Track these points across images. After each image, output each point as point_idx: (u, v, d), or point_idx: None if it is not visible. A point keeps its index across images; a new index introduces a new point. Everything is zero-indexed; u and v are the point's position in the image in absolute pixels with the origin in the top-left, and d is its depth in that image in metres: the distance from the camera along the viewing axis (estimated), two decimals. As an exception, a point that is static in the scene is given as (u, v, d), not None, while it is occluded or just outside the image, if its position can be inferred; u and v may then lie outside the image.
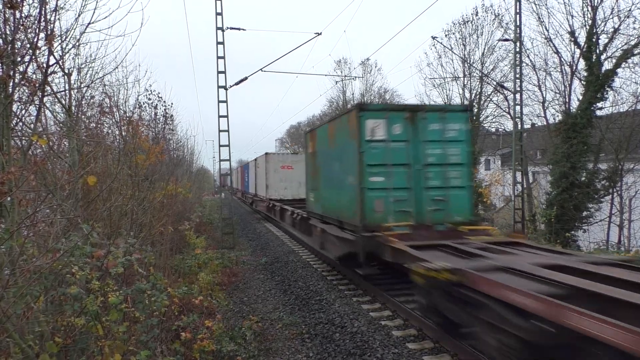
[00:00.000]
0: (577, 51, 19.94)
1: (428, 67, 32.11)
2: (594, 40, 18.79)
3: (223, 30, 18.29)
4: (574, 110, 19.55)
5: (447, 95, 29.10)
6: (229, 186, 43.15)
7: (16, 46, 4.68)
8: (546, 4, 20.97)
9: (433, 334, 7.15)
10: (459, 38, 27.97)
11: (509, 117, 25.52)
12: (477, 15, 27.24)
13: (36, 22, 4.75)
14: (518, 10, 19.98)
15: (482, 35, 27.15)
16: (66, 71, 6.99)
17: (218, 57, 18.29)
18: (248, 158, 31.52)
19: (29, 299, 3.85)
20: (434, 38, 26.77)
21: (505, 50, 26.11)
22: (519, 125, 21.05)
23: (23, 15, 4.73)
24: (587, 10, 19.11)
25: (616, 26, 18.62)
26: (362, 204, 8.93)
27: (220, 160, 19.89)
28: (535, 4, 21.14)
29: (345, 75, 43.60)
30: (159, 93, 13.82)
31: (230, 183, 29.68)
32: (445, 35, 28.09)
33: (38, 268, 3.89)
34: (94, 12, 5.66)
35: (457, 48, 27.90)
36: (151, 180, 10.82)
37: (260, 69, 20.13)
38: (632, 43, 18.33)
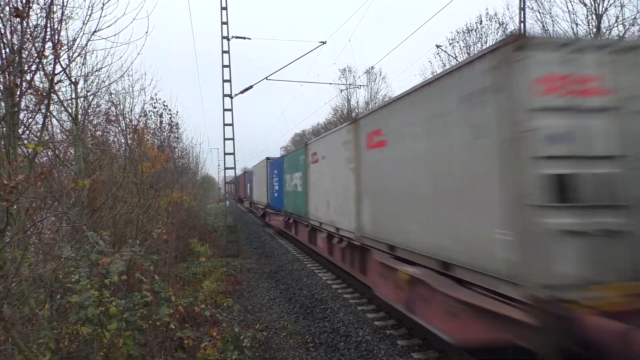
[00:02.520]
0: (582, 59, 19.91)
1: (432, 75, 32.06)
2: (598, 48, 18.77)
3: (228, 40, 18.41)
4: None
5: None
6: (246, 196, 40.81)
7: (23, 55, 4.72)
8: (550, 12, 20.92)
9: (438, 343, 7.10)
10: (463, 46, 28.00)
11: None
12: (481, 23, 27.26)
13: (43, 31, 4.79)
14: (522, 19, 19.98)
15: (486, 43, 27.16)
16: (73, 80, 7.04)
17: (223, 66, 18.39)
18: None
19: (34, 304, 3.85)
20: (438, 47, 26.90)
21: (509, 59, 26.08)
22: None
23: (30, 24, 4.78)
24: (592, 19, 19.09)
25: (621, 34, 18.59)
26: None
27: (226, 169, 19.91)
28: (540, 13, 21.10)
29: (350, 84, 43.70)
30: (164, 101, 13.94)
31: (244, 190, 30.18)
32: (450, 44, 28.14)
33: (41, 275, 3.90)
34: (99, 21, 5.71)
35: (461, 56, 27.93)
36: (156, 188, 10.85)
37: (266, 78, 20.24)
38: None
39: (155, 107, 13.23)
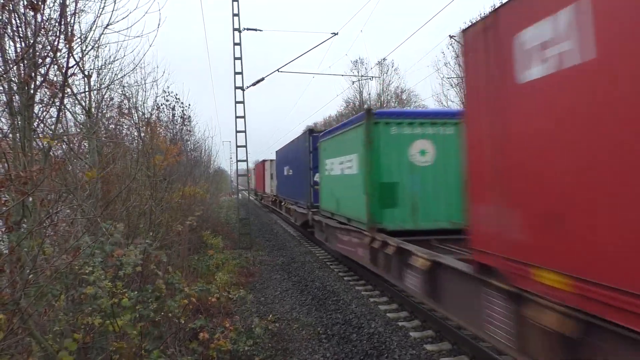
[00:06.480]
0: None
1: (445, 66, 31.73)
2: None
3: (240, 32, 18.38)
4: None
5: (465, 95, 28.90)
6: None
7: (37, 49, 4.75)
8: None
9: (451, 335, 7.09)
10: (477, 37, 27.67)
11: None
12: (495, 13, 26.92)
13: (57, 24, 4.82)
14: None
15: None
16: (86, 73, 7.08)
17: (235, 58, 18.38)
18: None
19: (50, 297, 3.90)
20: (451, 37, 26.57)
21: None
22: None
23: (44, 18, 4.80)
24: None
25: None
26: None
27: (238, 161, 19.97)
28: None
29: (362, 76, 43.52)
30: (176, 94, 13.98)
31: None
32: (463, 34, 27.85)
33: (57, 267, 3.94)
34: (112, 14, 5.74)
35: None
36: (169, 181, 10.92)
37: (277, 70, 20.18)
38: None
39: (167, 100, 13.28)
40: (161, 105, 12.70)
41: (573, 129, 3.48)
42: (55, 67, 5.24)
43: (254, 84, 19.54)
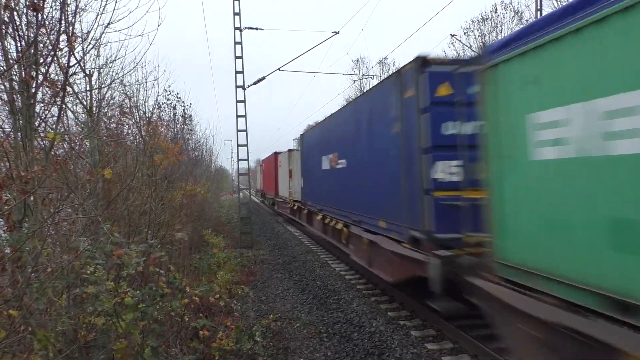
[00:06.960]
0: (600, 48, 19.51)
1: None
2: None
3: (241, 30, 18.37)
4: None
5: (465, 93, 28.88)
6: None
7: (38, 48, 4.76)
8: (568, 0, 20.55)
9: (452, 334, 7.08)
10: (478, 36, 27.67)
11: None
12: (496, 12, 26.91)
13: (57, 23, 4.82)
14: (539, 7, 19.68)
15: (501, 32, 26.80)
16: (87, 72, 7.09)
17: (236, 57, 18.37)
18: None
19: (51, 294, 3.90)
20: (452, 36, 26.58)
21: (525, 48, 25.70)
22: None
23: (45, 17, 4.81)
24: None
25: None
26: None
27: (239, 160, 19.98)
28: (556, 0, 20.76)
29: (363, 74, 43.51)
30: (177, 94, 14.05)
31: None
32: (464, 33, 27.84)
33: (59, 266, 3.95)
34: (113, 13, 5.76)
35: (476, 46, 27.61)
36: (170, 180, 10.92)
37: (278, 69, 20.19)
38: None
39: (168, 99, 13.31)
40: (162, 104, 12.74)
41: None
42: (57, 66, 5.25)
43: (254, 83, 19.54)
